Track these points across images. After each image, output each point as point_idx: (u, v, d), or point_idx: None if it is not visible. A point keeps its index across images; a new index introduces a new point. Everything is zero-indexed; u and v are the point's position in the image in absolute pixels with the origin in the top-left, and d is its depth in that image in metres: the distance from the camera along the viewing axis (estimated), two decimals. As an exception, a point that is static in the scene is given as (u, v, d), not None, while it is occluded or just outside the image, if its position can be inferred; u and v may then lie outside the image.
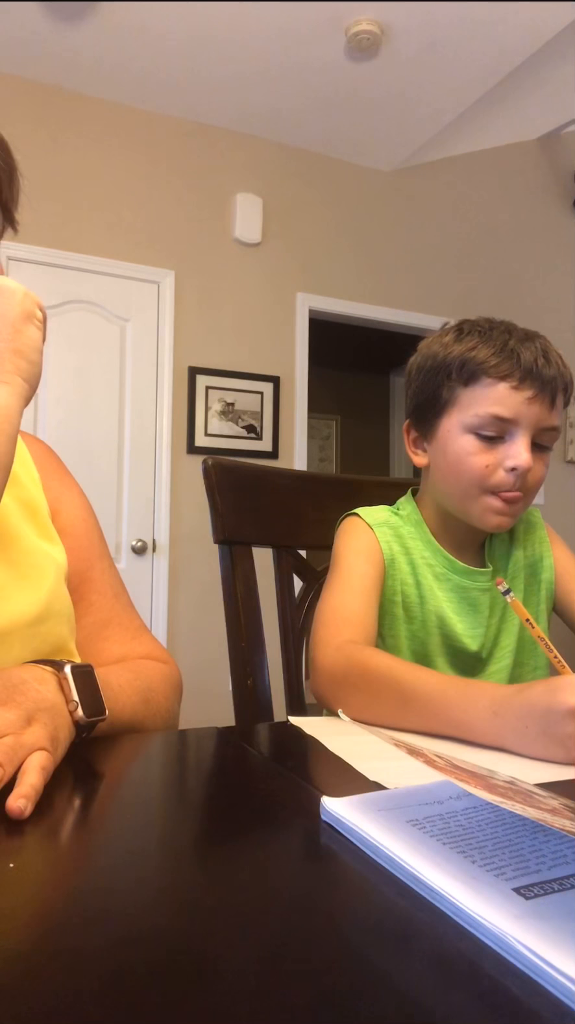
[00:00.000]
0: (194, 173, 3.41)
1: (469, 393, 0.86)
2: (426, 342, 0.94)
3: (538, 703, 0.59)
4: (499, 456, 0.85)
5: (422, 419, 0.93)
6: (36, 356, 0.58)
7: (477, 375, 0.85)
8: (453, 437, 0.88)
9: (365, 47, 2.84)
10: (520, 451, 0.84)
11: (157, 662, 0.75)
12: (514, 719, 0.60)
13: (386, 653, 0.78)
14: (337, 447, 6.00)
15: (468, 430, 0.86)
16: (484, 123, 3.57)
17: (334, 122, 3.40)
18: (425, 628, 0.92)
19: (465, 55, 2.92)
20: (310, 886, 0.35)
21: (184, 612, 3.29)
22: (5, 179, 0.65)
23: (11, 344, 0.56)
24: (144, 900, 0.33)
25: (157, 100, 3.26)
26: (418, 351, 0.94)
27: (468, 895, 0.32)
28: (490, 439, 0.85)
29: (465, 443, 0.86)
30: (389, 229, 3.80)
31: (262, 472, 1.06)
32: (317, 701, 0.80)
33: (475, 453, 0.86)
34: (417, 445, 0.95)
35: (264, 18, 2.73)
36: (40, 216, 3.07)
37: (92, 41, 2.88)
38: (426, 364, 0.91)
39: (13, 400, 0.55)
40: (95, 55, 2.96)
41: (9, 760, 0.45)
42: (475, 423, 0.85)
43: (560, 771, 0.56)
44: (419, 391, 0.92)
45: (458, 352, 0.87)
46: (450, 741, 0.65)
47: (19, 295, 0.58)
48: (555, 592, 0.98)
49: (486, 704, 0.62)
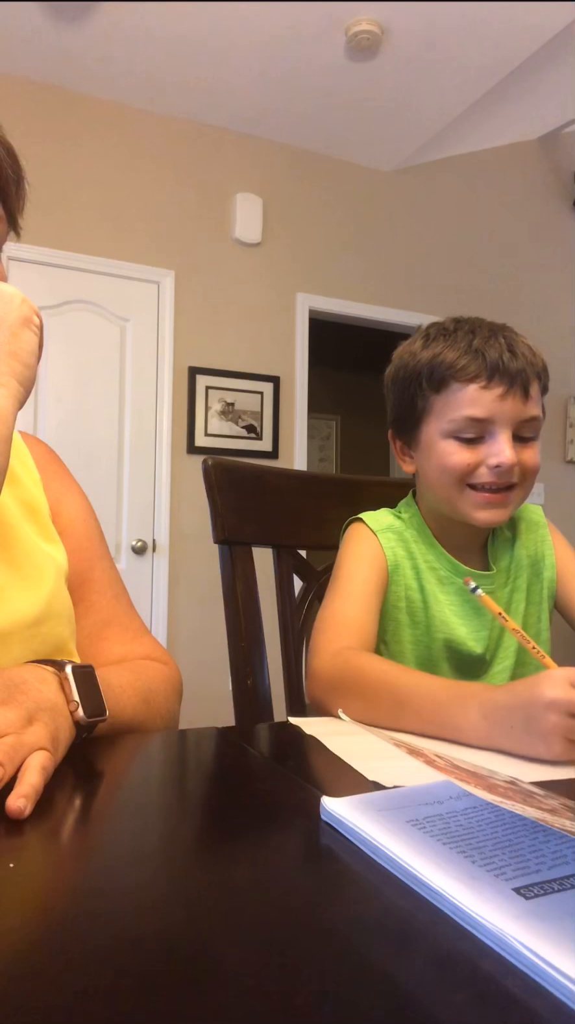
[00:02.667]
0: (194, 173, 3.41)
1: (442, 399, 0.87)
2: (398, 351, 0.94)
3: (520, 700, 0.60)
4: (481, 455, 0.85)
5: (403, 429, 0.94)
6: (32, 360, 0.59)
7: (446, 380, 0.86)
8: (434, 443, 0.88)
9: (365, 47, 2.84)
10: (502, 448, 0.84)
11: (157, 663, 0.75)
12: (502, 719, 0.61)
13: (381, 658, 0.78)
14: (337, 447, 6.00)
15: (447, 435, 0.86)
16: (484, 123, 3.57)
17: (334, 122, 3.40)
18: (429, 633, 0.92)
19: (465, 55, 2.92)
20: (310, 886, 0.35)
21: (184, 612, 3.28)
22: (12, 187, 0.66)
23: (7, 347, 0.57)
24: (144, 900, 0.34)
25: (157, 100, 3.26)
26: (391, 361, 0.95)
27: (468, 895, 0.32)
28: (470, 440, 0.86)
29: (446, 447, 0.87)
30: (389, 229, 3.80)
31: (262, 472, 1.06)
32: (313, 707, 0.80)
33: (457, 453, 0.86)
34: (404, 453, 0.96)
35: (264, 18, 2.73)
36: (40, 216, 3.07)
37: (92, 41, 2.88)
38: (399, 374, 0.92)
39: (8, 403, 0.56)
40: (95, 55, 2.96)
41: (10, 759, 0.45)
42: (452, 428, 0.86)
43: (560, 771, 0.56)
44: (397, 402, 0.93)
45: (426, 359, 0.88)
46: (449, 741, 0.65)
47: (17, 300, 0.59)
48: (556, 590, 0.98)
49: (476, 707, 0.63)
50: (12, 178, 0.65)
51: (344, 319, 3.79)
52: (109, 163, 3.24)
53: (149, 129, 3.33)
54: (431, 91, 3.16)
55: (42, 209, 3.09)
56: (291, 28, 2.78)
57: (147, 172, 3.31)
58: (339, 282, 3.68)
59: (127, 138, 3.29)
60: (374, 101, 3.24)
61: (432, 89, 3.15)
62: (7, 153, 0.64)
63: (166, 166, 3.35)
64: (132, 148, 3.29)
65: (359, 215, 3.74)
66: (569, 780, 0.54)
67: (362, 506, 0.99)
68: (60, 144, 3.15)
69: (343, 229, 3.70)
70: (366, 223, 3.75)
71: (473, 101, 3.24)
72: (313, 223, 3.64)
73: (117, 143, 3.26)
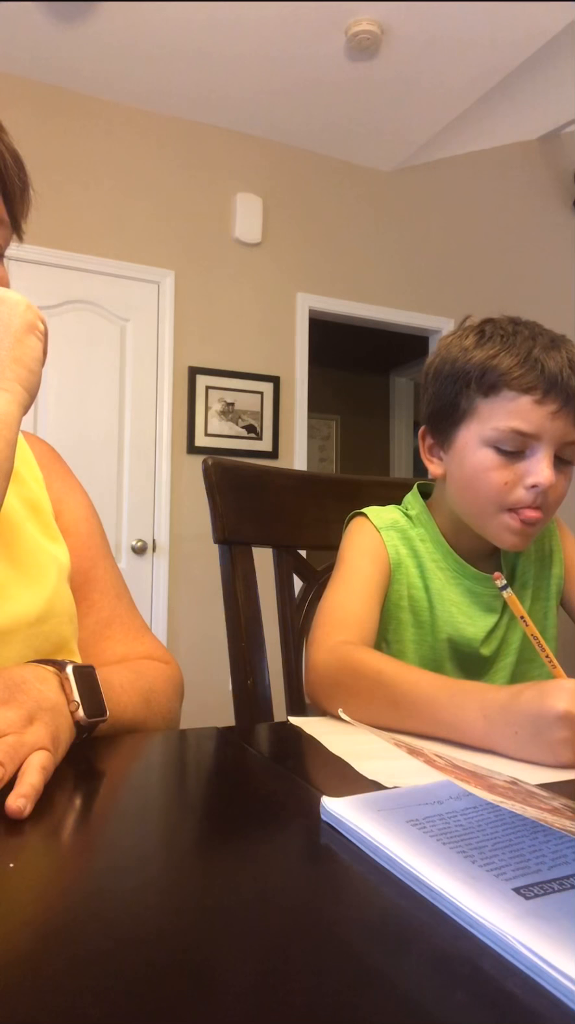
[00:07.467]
0: (194, 173, 3.41)
1: (489, 405, 0.81)
2: (445, 342, 0.88)
3: (528, 708, 0.58)
4: (519, 472, 0.81)
5: (438, 427, 0.89)
6: (36, 366, 0.59)
7: (498, 386, 0.80)
8: (471, 450, 0.83)
9: (365, 47, 2.84)
10: (542, 468, 0.79)
11: (159, 662, 0.75)
12: (504, 724, 0.59)
13: (379, 653, 0.77)
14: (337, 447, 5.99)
15: (487, 443, 0.81)
16: (484, 123, 3.57)
17: (334, 122, 3.40)
18: (434, 632, 0.91)
19: (465, 55, 2.92)
20: (310, 886, 0.35)
21: (184, 612, 3.28)
22: (18, 194, 0.67)
23: (12, 353, 0.57)
24: (144, 900, 0.34)
25: (157, 100, 3.26)
26: (437, 351, 0.89)
27: (468, 895, 0.32)
28: (510, 454, 0.81)
29: (483, 457, 0.82)
30: (389, 229, 3.80)
31: (262, 472, 1.06)
32: (311, 703, 0.80)
33: (494, 468, 0.81)
34: (433, 453, 0.91)
35: (264, 18, 2.73)
36: (40, 216, 3.05)
37: (92, 41, 2.88)
38: (444, 368, 0.86)
39: (13, 407, 0.56)
40: (95, 55, 2.96)
41: (10, 759, 0.45)
42: (495, 437, 0.81)
43: (559, 771, 0.56)
44: (436, 397, 0.87)
45: (479, 359, 0.81)
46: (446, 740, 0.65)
47: (22, 307, 0.59)
48: (564, 587, 0.96)
49: (476, 708, 0.62)
50: (18, 186, 0.66)
51: (344, 319, 3.79)
52: (109, 163, 3.24)
53: (149, 129, 3.33)
54: (431, 91, 3.16)
55: (42, 209, 3.07)
56: (291, 28, 2.78)
57: (147, 172, 3.31)
58: (339, 282, 3.68)
59: (127, 138, 3.28)
60: (374, 101, 3.24)
61: (432, 89, 3.15)
62: (14, 161, 0.65)
63: (166, 166, 3.35)
64: (132, 148, 3.29)
65: (359, 215, 3.74)
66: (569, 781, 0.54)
67: (362, 506, 0.98)
68: (60, 144, 3.15)
69: (343, 229, 3.70)
70: (366, 223, 3.75)
71: (473, 101, 3.24)
72: (313, 223, 3.64)
73: (117, 143, 3.26)
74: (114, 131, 3.26)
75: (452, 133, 3.55)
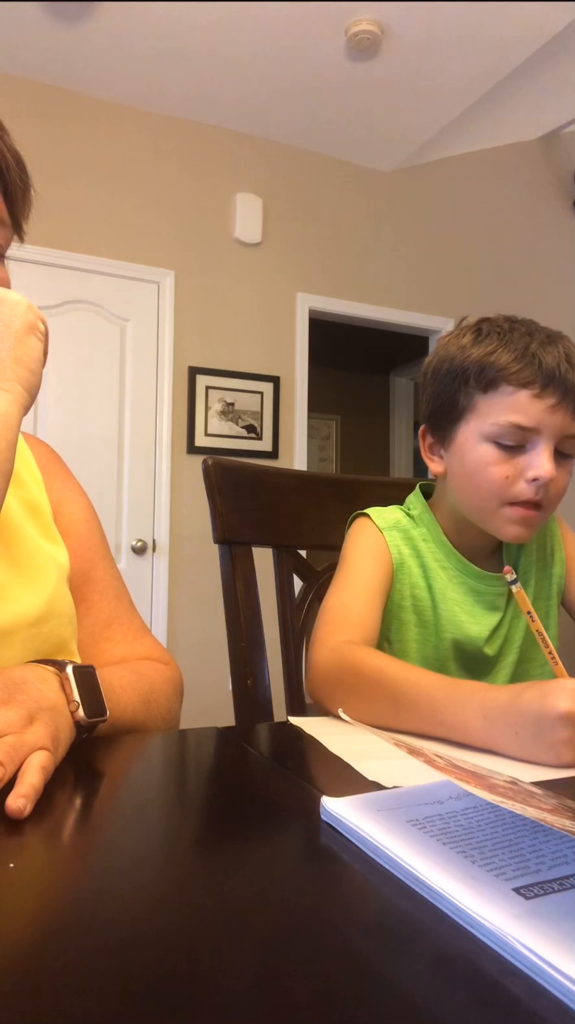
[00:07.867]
0: (194, 173, 3.41)
1: (488, 400, 0.82)
2: (442, 341, 0.89)
3: (529, 708, 0.58)
4: (520, 466, 0.82)
5: (438, 425, 0.90)
6: (37, 367, 0.59)
7: (496, 382, 0.81)
8: (471, 446, 0.84)
9: (365, 47, 2.84)
10: (542, 461, 0.80)
11: (159, 663, 0.75)
12: (504, 724, 0.59)
13: (380, 653, 0.77)
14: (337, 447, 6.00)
15: (487, 439, 0.83)
16: (484, 123, 3.57)
17: (334, 122, 3.40)
18: (438, 632, 0.91)
19: (465, 55, 2.92)
20: (310, 886, 0.35)
21: (184, 612, 3.29)
22: (19, 195, 0.67)
23: (12, 353, 0.57)
24: (144, 900, 0.34)
25: (157, 100, 3.26)
26: (435, 351, 0.90)
27: (468, 895, 0.32)
28: (510, 448, 0.82)
29: (483, 452, 0.83)
30: (389, 229, 3.80)
31: (262, 472, 1.06)
32: (313, 701, 0.80)
33: (494, 463, 0.82)
34: (433, 451, 0.92)
35: (264, 18, 2.73)
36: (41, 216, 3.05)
37: (92, 41, 2.88)
38: (442, 367, 0.87)
39: (14, 408, 0.56)
40: (95, 55, 2.96)
41: (10, 759, 0.45)
42: (494, 432, 0.82)
43: (560, 771, 0.56)
44: (435, 396, 0.89)
45: (476, 356, 0.83)
46: (446, 740, 0.65)
47: (22, 307, 0.59)
48: (564, 587, 0.97)
49: (476, 707, 0.62)
50: (20, 187, 0.67)
51: (344, 319, 3.79)
52: (109, 163, 3.24)
53: (149, 129, 3.33)
54: (431, 91, 3.16)
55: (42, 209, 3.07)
56: (291, 28, 2.78)
57: (147, 172, 3.31)
58: (339, 282, 3.69)
59: (127, 138, 3.28)
60: (374, 101, 3.24)
61: (432, 89, 3.15)
62: (16, 162, 0.65)
63: (166, 166, 3.35)
64: (132, 148, 3.29)
65: (359, 215, 3.74)
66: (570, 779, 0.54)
67: (362, 506, 0.98)
68: (60, 144, 3.15)
69: (343, 229, 3.71)
70: (366, 223, 3.76)
71: (473, 101, 3.24)
72: (313, 223, 3.64)
73: (117, 143, 3.26)
74: (114, 131, 3.26)
75: (452, 133, 3.55)
